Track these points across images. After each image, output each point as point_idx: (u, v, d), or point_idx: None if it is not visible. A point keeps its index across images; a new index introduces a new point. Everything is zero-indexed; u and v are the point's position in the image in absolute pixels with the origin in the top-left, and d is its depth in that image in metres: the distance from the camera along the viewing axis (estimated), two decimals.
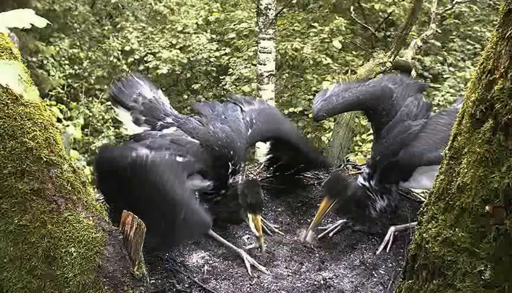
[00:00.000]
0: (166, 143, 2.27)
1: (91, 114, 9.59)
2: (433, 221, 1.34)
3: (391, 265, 2.40)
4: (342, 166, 3.35)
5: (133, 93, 2.56)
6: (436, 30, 7.58)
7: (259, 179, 3.05)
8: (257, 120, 2.62)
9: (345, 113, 5.80)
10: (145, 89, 2.61)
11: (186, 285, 2.19)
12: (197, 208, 2.15)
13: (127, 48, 10.32)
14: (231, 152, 2.40)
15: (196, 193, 2.47)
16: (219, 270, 2.33)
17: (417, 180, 2.47)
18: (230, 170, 2.40)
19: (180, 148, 2.28)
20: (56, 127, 1.81)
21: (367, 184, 2.52)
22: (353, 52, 9.19)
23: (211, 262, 2.38)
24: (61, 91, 9.71)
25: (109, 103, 10.12)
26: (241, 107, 2.67)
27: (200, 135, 2.40)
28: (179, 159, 2.22)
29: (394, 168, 2.44)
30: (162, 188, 2.04)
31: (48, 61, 9.81)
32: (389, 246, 2.48)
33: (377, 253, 2.47)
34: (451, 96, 7.65)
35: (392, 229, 2.52)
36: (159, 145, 2.23)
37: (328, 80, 7.62)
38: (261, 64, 6.19)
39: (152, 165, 2.07)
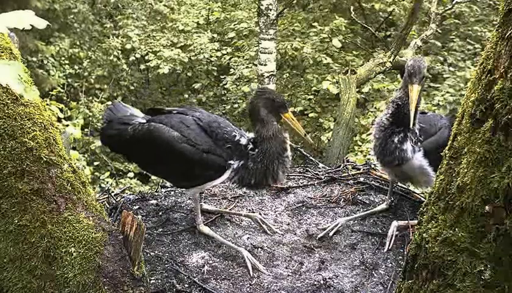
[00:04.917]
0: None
1: (91, 114, 9.57)
2: (433, 221, 1.34)
3: (390, 265, 2.41)
4: (342, 166, 3.36)
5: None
6: (436, 30, 7.59)
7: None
8: None
9: (345, 113, 5.82)
10: (135, 111, 2.67)
11: (186, 285, 2.20)
12: (208, 155, 2.31)
13: (128, 46, 10.29)
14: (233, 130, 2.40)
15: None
16: (219, 270, 2.33)
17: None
18: (244, 140, 2.36)
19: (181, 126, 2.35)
20: (56, 127, 1.82)
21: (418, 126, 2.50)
22: (353, 52, 9.18)
23: (211, 262, 2.38)
24: (61, 90, 9.69)
25: (109, 103, 10.12)
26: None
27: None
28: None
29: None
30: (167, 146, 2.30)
31: (48, 61, 9.80)
32: (392, 241, 2.53)
33: (384, 250, 2.50)
34: (451, 96, 7.64)
35: (395, 223, 2.59)
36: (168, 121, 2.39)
37: (328, 80, 7.62)
38: (261, 64, 6.18)
39: (152, 129, 2.34)
